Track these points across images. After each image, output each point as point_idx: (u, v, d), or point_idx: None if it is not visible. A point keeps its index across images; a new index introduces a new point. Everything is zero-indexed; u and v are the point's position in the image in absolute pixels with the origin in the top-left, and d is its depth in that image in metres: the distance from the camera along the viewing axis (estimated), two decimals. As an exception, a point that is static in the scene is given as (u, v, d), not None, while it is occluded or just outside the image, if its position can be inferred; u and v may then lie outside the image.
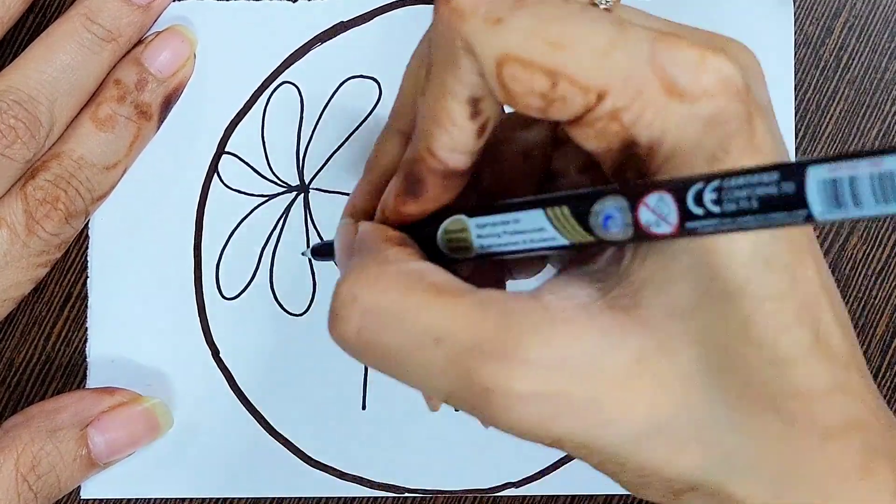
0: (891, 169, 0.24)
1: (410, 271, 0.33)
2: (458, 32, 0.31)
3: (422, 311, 0.32)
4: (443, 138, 0.33)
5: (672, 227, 0.29)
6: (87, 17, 0.45)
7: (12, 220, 0.43)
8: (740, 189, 0.27)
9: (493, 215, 0.34)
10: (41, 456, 0.43)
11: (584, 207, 0.31)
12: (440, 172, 0.34)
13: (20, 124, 0.43)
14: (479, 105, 0.32)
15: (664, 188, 0.29)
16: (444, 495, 0.47)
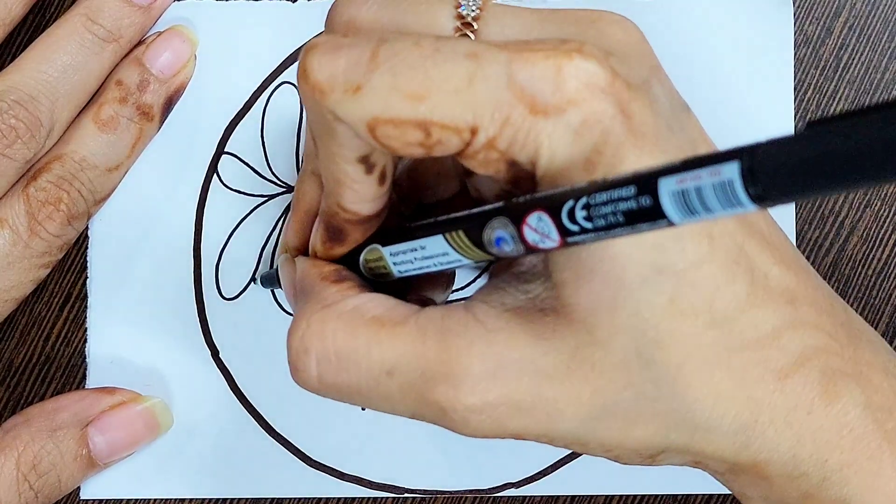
0: (729, 178, 0.25)
1: (351, 310, 0.35)
2: (322, 107, 0.32)
3: (370, 349, 0.34)
4: (348, 195, 0.35)
5: (556, 243, 0.31)
6: (87, 17, 0.45)
7: (14, 222, 0.44)
8: (605, 205, 0.29)
9: (402, 243, 0.36)
10: (42, 455, 0.43)
11: (476, 230, 0.33)
12: (357, 222, 0.36)
13: (21, 124, 0.43)
14: (369, 160, 0.34)
15: (540, 207, 0.31)
16: (443, 496, 0.47)
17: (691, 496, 0.47)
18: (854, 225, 0.48)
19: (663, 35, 0.48)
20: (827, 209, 0.48)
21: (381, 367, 0.34)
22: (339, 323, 0.34)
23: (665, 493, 0.47)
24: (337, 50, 0.32)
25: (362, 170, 0.34)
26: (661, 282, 0.32)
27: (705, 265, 0.32)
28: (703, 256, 0.32)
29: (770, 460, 0.34)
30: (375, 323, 0.34)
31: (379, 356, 0.34)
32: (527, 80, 0.32)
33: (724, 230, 0.33)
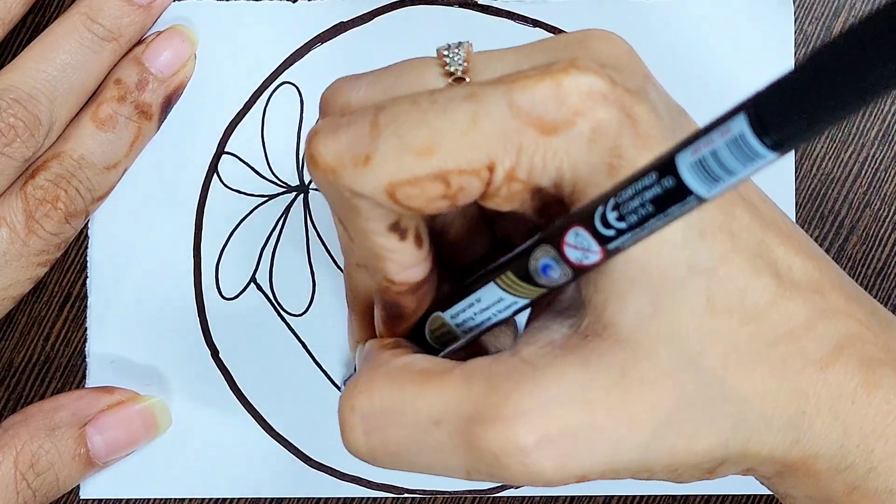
0: (739, 131, 0.25)
1: (399, 367, 0.34)
2: (338, 186, 0.32)
3: (416, 400, 0.33)
4: (391, 267, 0.35)
5: (598, 254, 0.30)
6: (87, 16, 0.45)
7: (12, 220, 0.44)
8: (632, 199, 0.29)
9: (459, 302, 0.36)
10: (40, 454, 0.43)
11: (523, 266, 0.33)
12: (408, 291, 0.36)
13: (20, 123, 0.43)
14: (399, 226, 0.34)
15: (574, 223, 0.31)
16: (443, 496, 0.47)
17: (691, 496, 0.47)
18: (854, 225, 0.48)
19: (663, 36, 0.48)
20: (827, 209, 0.48)
21: (429, 418, 0.33)
22: (385, 380, 0.34)
23: (665, 493, 0.47)
24: (338, 129, 0.32)
25: (396, 238, 0.34)
26: (695, 282, 0.32)
27: (731, 261, 0.32)
28: (727, 252, 0.32)
29: (818, 454, 0.34)
30: (421, 375, 0.34)
31: (425, 407, 0.33)
32: (529, 104, 0.32)
33: (743, 225, 0.33)
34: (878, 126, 0.48)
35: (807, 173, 0.48)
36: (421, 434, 0.33)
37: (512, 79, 0.32)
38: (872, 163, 0.48)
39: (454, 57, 0.35)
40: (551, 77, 0.32)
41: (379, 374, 0.34)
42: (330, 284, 0.48)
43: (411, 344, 0.37)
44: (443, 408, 0.33)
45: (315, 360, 0.47)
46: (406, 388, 0.33)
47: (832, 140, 0.48)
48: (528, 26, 0.48)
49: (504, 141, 0.32)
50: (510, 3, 0.48)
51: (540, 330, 0.34)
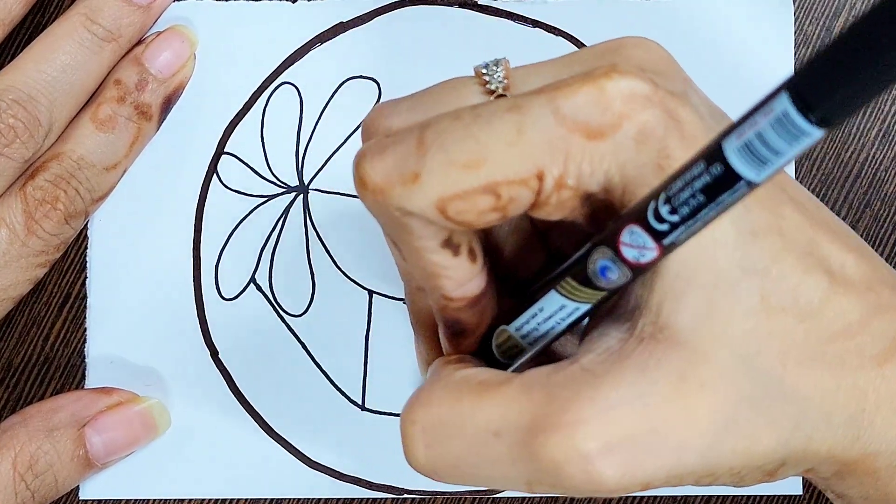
0: (782, 109, 0.25)
1: (458, 380, 0.34)
2: (388, 207, 0.32)
3: (475, 412, 0.33)
4: (447, 284, 0.35)
5: (654, 251, 0.30)
6: (87, 16, 0.45)
7: (11, 220, 0.44)
8: (682, 191, 0.29)
9: (522, 314, 0.36)
10: (39, 455, 0.43)
11: (582, 271, 0.33)
12: (467, 306, 0.35)
13: (19, 124, 0.43)
14: (452, 242, 0.34)
15: (628, 222, 0.31)
16: (442, 496, 0.47)
17: (691, 497, 0.47)
18: (854, 225, 0.48)
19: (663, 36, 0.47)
20: (827, 209, 0.48)
21: (488, 429, 0.33)
22: (444, 392, 0.34)
23: (665, 493, 0.47)
24: (384, 149, 0.32)
25: (449, 254, 0.34)
26: (749, 282, 0.32)
27: (783, 259, 0.32)
28: (778, 251, 0.32)
29: (878, 451, 0.34)
30: (480, 387, 0.33)
31: (484, 418, 0.33)
32: (573, 110, 0.32)
33: (793, 224, 0.33)
34: (878, 126, 0.48)
35: (807, 173, 0.48)
36: (481, 446, 0.33)
37: (554, 87, 0.32)
38: (872, 163, 0.48)
39: (493, 74, 0.35)
40: (593, 83, 0.32)
41: (438, 388, 0.34)
42: (329, 285, 0.48)
43: (476, 359, 0.37)
44: (502, 419, 0.32)
45: (315, 361, 0.48)
46: (464, 400, 0.33)
47: (832, 140, 0.48)
48: (527, 27, 0.48)
49: (551, 149, 0.32)
50: (510, 3, 0.48)
51: (598, 337, 0.34)
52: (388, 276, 0.48)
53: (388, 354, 0.48)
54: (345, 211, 0.48)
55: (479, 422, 0.33)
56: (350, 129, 0.48)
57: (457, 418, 0.33)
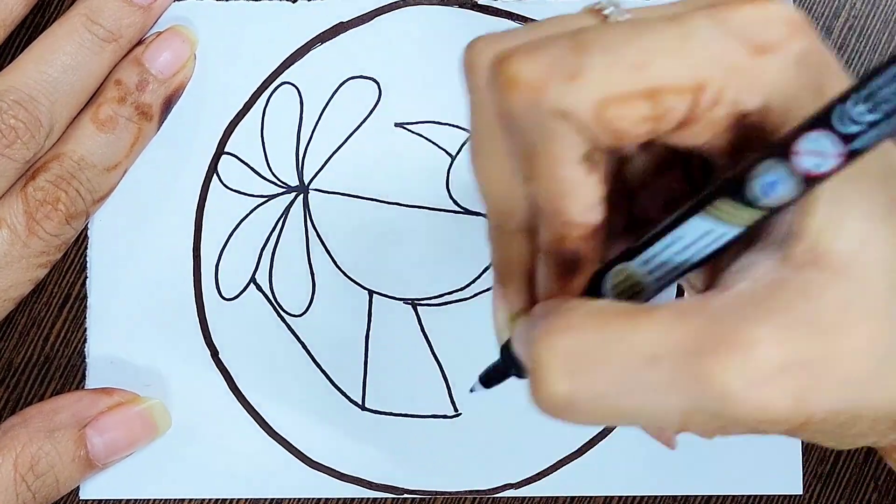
0: None
1: (598, 308, 0.32)
2: (542, 106, 0.31)
3: (629, 336, 0.31)
4: (575, 205, 0.33)
5: (836, 158, 0.29)
6: (88, 17, 0.45)
7: (12, 221, 0.44)
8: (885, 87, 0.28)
9: (652, 247, 0.34)
10: (39, 456, 0.43)
11: (741, 188, 0.31)
12: (587, 236, 0.34)
13: (20, 124, 0.43)
14: (591, 157, 0.32)
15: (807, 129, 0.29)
16: (442, 496, 0.47)
17: (691, 497, 0.47)
18: (854, 225, 0.48)
19: (663, 35, 0.48)
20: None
21: (643, 354, 0.30)
22: (587, 318, 0.31)
23: (665, 493, 0.47)
24: (537, 49, 0.31)
25: (585, 170, 0.32)
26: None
27: None
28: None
29: None
30: (625, 313, 0.31)
31: (640, 342, 0.30)
32: (739, 25, 0.31)
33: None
34: (878, 126, 0.48)
35: (807, 173, 0.48)
36: (634, 372, 0.30)
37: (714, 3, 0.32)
38: (873, 163, 0.48)
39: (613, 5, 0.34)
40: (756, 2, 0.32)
41: (577, 315, 0.31)
42: (329, 285, 0.48)
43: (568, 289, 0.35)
44: (661, 342, 0.30)
45: (315, 361, 0.48)
46: (614, 325, 0.31)
47: (832, 140, 0.48)
48: (528, 26, 0.48)
49: (715, 61, 0.31)
50: (510, 3, 0.48)
51: (747, 267, 0.32)
52: (388, 276, 0.48)
53: (388, 354, 0.48)
54: (345, 211, 0.48)
55: (635, 346, 0.30)
56: (350, 129, 0.48)
57: (606, 344, 0.31)
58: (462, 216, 0.48)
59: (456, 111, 0.48)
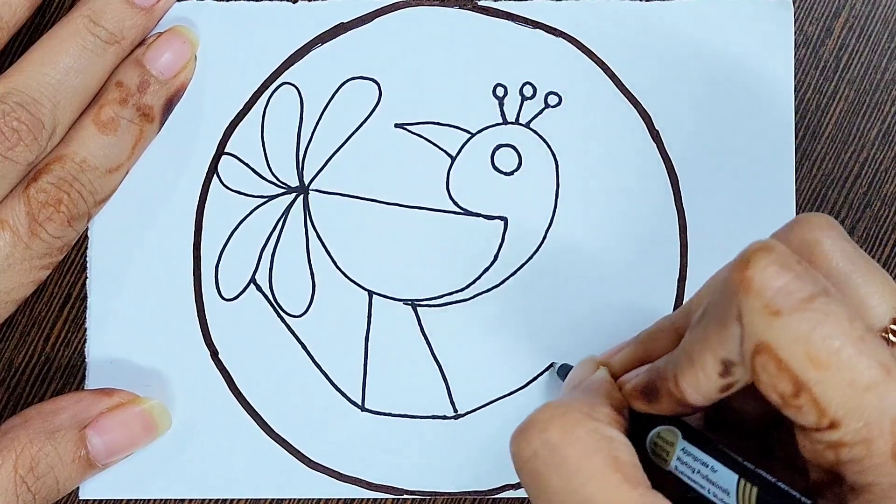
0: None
1: (603, 437, 0.34)
2: (736, 300, 0.32)
3: (592, 477, 0.33)
4: (688, 378, 0.34)
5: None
6: (90, 19, 0.45)
7: (15, 223, 0.44)
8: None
9: (701, 450, 0.36)
10: (40, 457, 0.44)
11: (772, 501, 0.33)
12: (676, 398, 0.35)
13: (23, 126, 0.44)
14: (730, 368, 0.33)
15: None
16: (442, 497, 0.47)
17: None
18: (854, 225, 0.48)
19: (663, 37, 0.48)
20: (827, 210, 0.48)
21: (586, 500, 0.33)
22: (587, 436, 0.34)
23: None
24: (789, 270, 0.32)
25: (718, 370, 0.34)
26: None
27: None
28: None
29: None
30: (612, 463, 0.34)
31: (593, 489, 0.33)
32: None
33: None
34: (878, 127, 0.48)
35: (807, 174, 0.48)
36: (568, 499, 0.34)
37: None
38: (873, 164, 0.48)
39: None
40: None
41: (585, 426, 0.34)
42: (329, 285, 0.48)
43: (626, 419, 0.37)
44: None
45: (314, 361, 0.48)
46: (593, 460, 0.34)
47: (832, 141, 0.48)
48: (528, 27, 0.48)
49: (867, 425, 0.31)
50: (510, 4, 0.48)
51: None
52: (388, 276, 0.48)
53: (387, 355, 0.48)
54: (345, 211, 0.48)
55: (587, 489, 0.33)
56: (350, 130, 0.48)
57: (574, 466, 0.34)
58: (462, 217, 0.48)
59: (456, 112, 0.48)
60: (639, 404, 0.37)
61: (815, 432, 0.32)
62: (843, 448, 0.32)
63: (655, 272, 0.48)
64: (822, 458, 0.32)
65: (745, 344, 0.32)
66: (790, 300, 0.31)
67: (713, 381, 0.34)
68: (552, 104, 0.48)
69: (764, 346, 0.32)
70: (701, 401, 0.35)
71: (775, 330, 0.31)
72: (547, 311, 0.48)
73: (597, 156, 0.48)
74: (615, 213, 0.48)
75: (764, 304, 0.32)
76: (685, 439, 0.36)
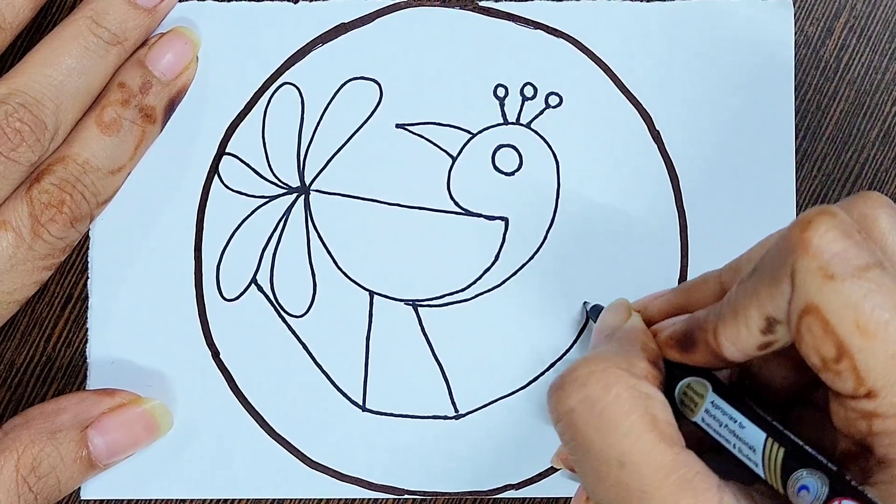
0: None
1: (641, 394, 0.35)
2: (792, 260, 0.32)
3: (628, 434, 0.34)
4: (729, 330, 0.35)
5: None
6: (93, 20, 0.45)
7: (18, 224, 0.44)
8: None
9: (730, 405, 0.36)
10: (42, 457, 0.44)
11: (796, 460, 0.34)
12: (712, 350, 0.36)
13: (26, 127, 0.44)
14: (773, 326, 0.34)
15: None
16: (443, 497, 0.48)
17: None
18: (854, 226, 0.48)
19: (663, 37, 0.48)
20: (827, 210, 0.48)
21: (622, 455, 0.34)
22: (625, 394, 0.35)
23: None
24: (848, 237, 0.32)
25: (761, 326, 0.34)
26: None
27: None
28: None
29: None
30: (648, 420, 0.34)
31: (628, 445, 0.34)
32: None
33: None
34: (878, 127, 0.49)
35: (807, 174, 0.48)
36: (604, 455, 0.34)
37: None
38: (873, 164, 0.49)
39: None
40: None
41: (624, 382, 0.35)
42: (330, 285, 0.48)
43: (661, 372, 0.37)
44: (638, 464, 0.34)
45: (315, 361, 0.48)
46: (630, 417, 0.34)
47: (833, 141, 0.49)
48: (528, 28, 0.48)
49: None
50: (510, 4, 0.48)
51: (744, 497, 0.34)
52: (389, 276, 0.48)
53: (388, 355, 0.48)
54: (346, 212, 0.48)
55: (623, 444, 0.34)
56: (351, 130, 0.48)
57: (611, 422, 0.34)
58: (463, 217, 0.48)
59: (457, 112, 0.48)
60: (673, 353, 0.38)
61: (851, 400, 0.32)
62: (876, 419, 0.32)
63: (656, 272, 0.48)
64: (853, 427, 0.33)
65: (794, 303, 0.32)
66: (846, 266, 0.32)
67: (754, 337, 0.34)
68: (553, 104, 0.48)
69: (813, 308, 0.32)
70: (737, 356, 0.35)
71: (827, 293, 0.32)
72: (547, 312, 0.48)
73: (597, 156, 0.48)
74: (615, 213, 0.48)
75: (819, 266, 0.32)
76: (715, 392, 0.37)
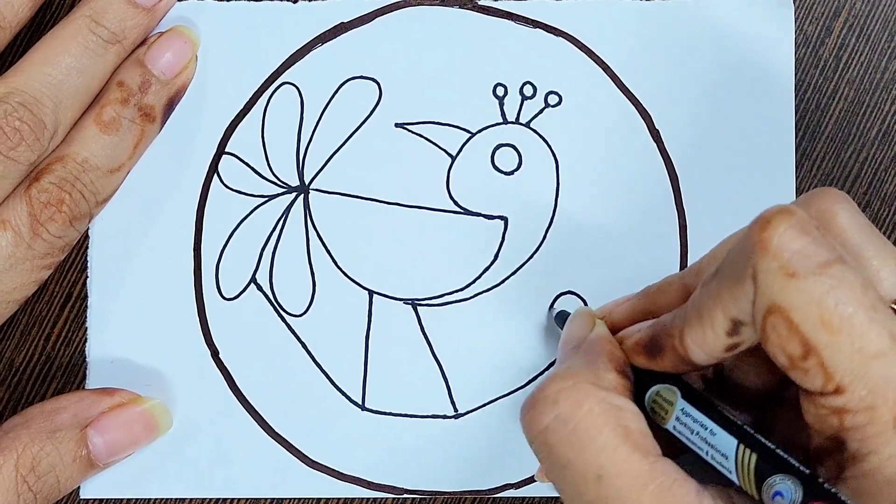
0: None
1: (612, 406, 0.35)
2: (752, 260, 0.32)
3: (604, 448, 0.34)
4: (695, 334, 0.35)
5: None
6: (92, 19, 0.45)
7: (17, 223, 0.44)
8: None
9: (700, 411, 0.36)
10: (41, 457, 0.44)
11: (769, 467, 0.34)
12: (679, 355, 0.36)
13: (25, 126, 0.44)
14: (739, 327, 0.34)
15: None
16: (442, 496, 0.48)
17: None
18: (854, 226, 0.48)
19: (663, 37, 0.48)
20: (827, 210, 0.48)
21: (598, 470, 0.34)
22: (597, 408, 0.35)
23: None
24: (807, 234, 0.32)
25: (727, 328, 0.34)
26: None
27: None
28: None
29: None
30: (623, 434, 0.34)
31: (604, 459, 0.34)
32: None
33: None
34: (877, 126, 0.49)
35: (807, 173, 0.48)
36: (580, 472, 0.34)
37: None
38: (872, 163, 0.49)
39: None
40: None
41: (594, 396, 0.35)
42: (330, 285, 0.48)
43: (630, 381, 0.37)
44: (614, 476, 0.34)
45: (315, 361, 0.48)
46: (604, 432, 0.34)
47: (832, 140, 0.49)
48: (528, 27, 0.48)
49: (871, 392, 0.32)
50: (510, 3, 0.48)
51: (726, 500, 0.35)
52: (389, 276, 0.48)
53: (388, 354, 0.48)
54: (345, 211, 0.48)
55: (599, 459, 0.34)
56: (350, 130, 0.48)
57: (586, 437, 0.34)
58: (462, 216, 0.48)
59: (456, 111, 0.48)
60: (640, 360, 0.37)
61: (820, 397, 0.32)
62: (846, 414, 0.32)
63: (655, 271, 0.48)
64: (825, 423, 0.33)
65: (757, 303, 0.32)
66: (807, 263, 0.32)
67: (720, 340, 0.34)
68: (552, 104, 0.48)
69: (776, 307, 0.32)
70: (704, 359, 0.35)
71: (790, 291, 0.32)
72: (547, 311, 0.48)
73: (597, 155, 0.48)
74: (615, 212, 0.48)
75: (780, 265, 0.32)
76: (685, 399, 0.36)
